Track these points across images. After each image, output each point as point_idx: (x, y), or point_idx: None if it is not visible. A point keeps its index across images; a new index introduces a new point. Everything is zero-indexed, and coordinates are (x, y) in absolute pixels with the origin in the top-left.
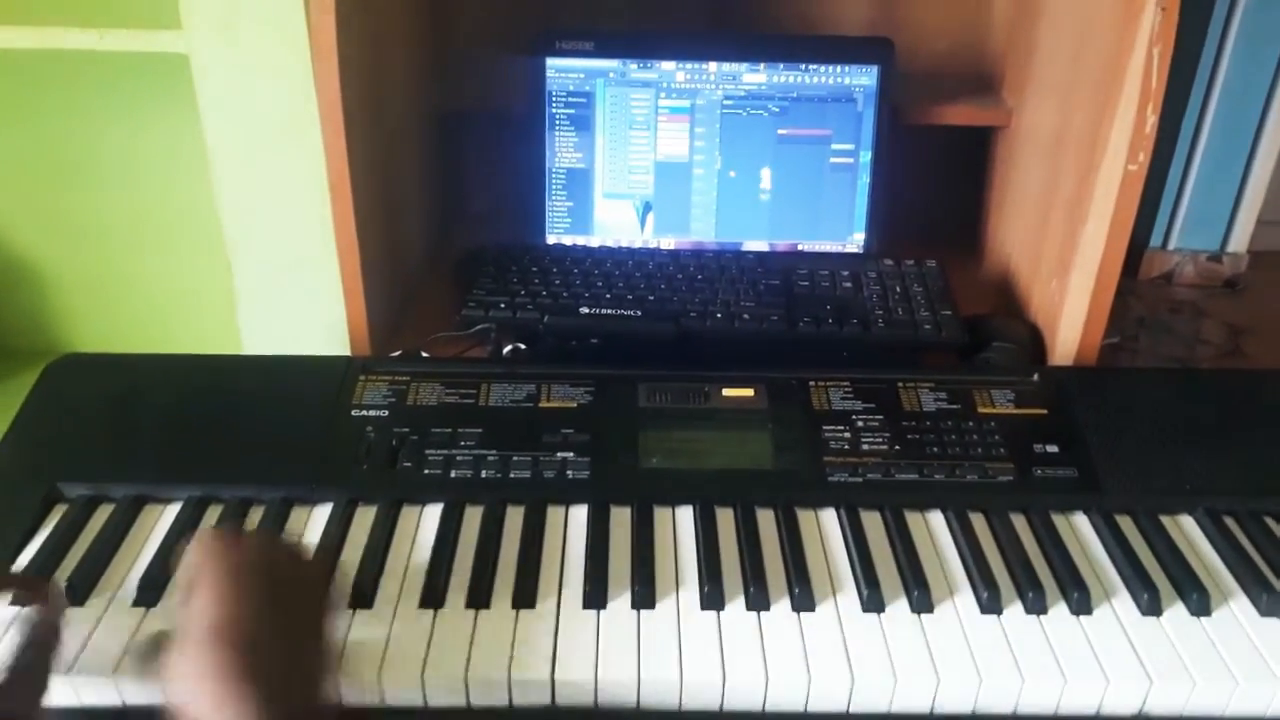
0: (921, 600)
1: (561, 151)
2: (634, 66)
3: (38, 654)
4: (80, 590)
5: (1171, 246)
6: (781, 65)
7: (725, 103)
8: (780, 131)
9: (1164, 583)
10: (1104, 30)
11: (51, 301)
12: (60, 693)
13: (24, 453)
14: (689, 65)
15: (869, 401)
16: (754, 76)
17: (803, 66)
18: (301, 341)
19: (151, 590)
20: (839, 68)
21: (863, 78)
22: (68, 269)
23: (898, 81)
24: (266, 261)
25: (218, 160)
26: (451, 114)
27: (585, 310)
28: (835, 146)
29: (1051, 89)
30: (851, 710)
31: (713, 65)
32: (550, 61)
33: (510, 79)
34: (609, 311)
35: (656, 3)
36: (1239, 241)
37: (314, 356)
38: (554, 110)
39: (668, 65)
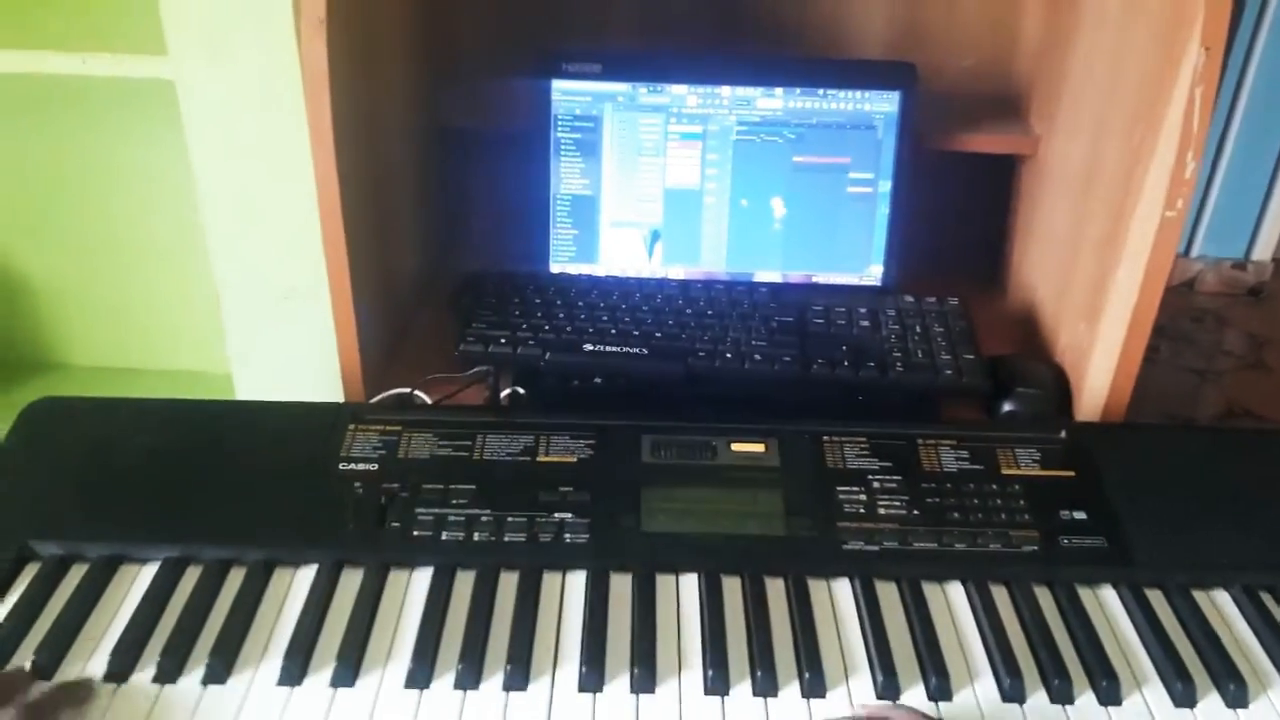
0: (940, 688)
1: (567, 177)
2: (644, 90)
3: None
4: (50, 660)
5: (1194, 254)
6: (798, 90)
7: (739, 128)
8: (796, 159)
9: (1198, 668)
10: (1142, 63)
11: (43, 317)
12: None
13: None
14: (701, 89)
15: (886, 460)
16: (769, 102)
17: (820, 92)
18: (294, 370)
19: (123, 662)
20: (859, 93)
21: (884, 104)
22: (59, 285)
23: (920, 108)
24: (256, 292)
25: (204, 187)
26: (452, 134)
27: (589, 347)
28: (853, 175)
29: (1083, 119)
30: None
31: (726, 89)
32: (556, 84)
33: (513, 101)
34: (614, 349)
35: (668, 23)
36: (1264, 249)
37: (302, 403)
38: (559, 134)
39: (679, 89)
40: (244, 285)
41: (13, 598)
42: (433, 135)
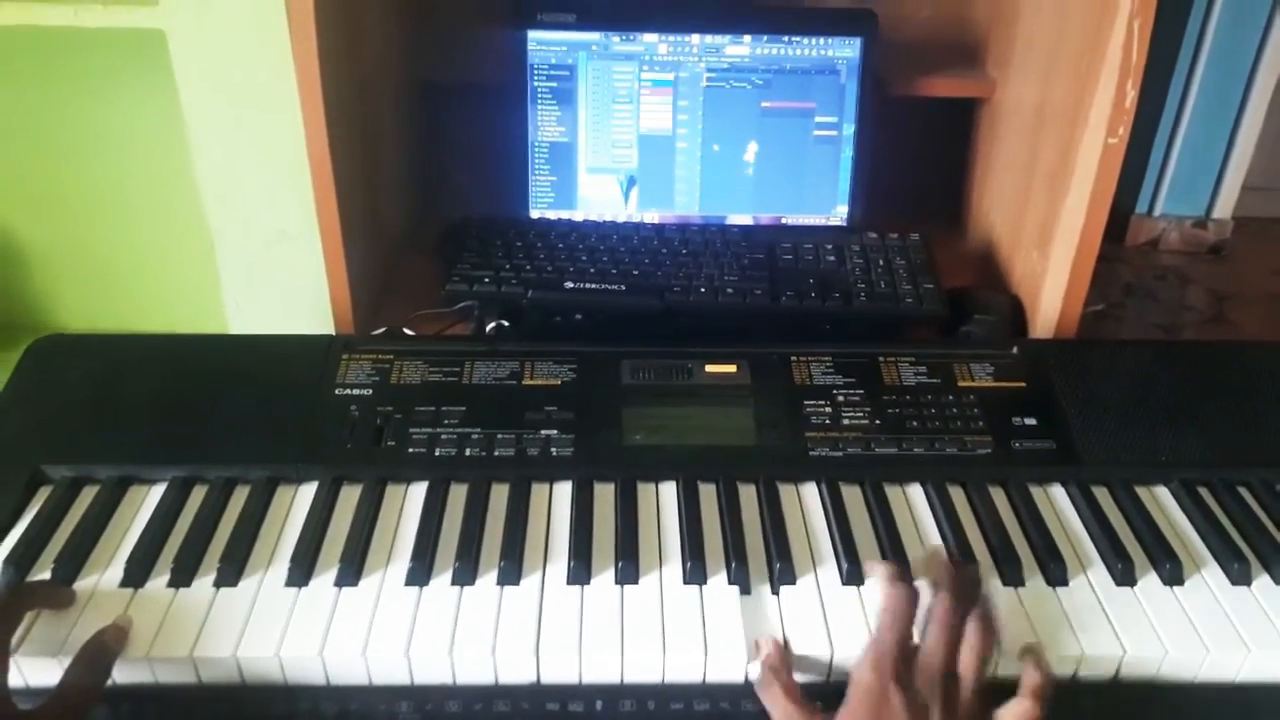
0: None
1: (544, 125)
2: (616, 39)
3: (89, 669)
4: (68, 572)
5: (1157, 213)
6: (765, 37)
7: (709, 75)
8: (764, 104)
9: (1139, 553)
10: (1085, 2)
11: (34, 278)
12: (49, 674)
13: (7, 434)
14: (672, 37)
15: (850, 376)
16: (737, 49)
17: (786, 38)
18: (286, 315)
19: (139, 570)
20: (822, 39)
21: (846, 50)
22: (49, 245)
23: (881, 53)
24: (248, 237)
25: (196, 136)
26: (432, 86)
27: (570, 285)
28: (819, 119)
29: (1034, 61)
30: (833, 680)
31: (696, 37)
32: (532, 34)
33: (491, 51)
34: (594, 286)
35: None
36: (1224, 207)
37: (296, 335)
38: (536, 84)
39: (650, 37)
40: (236, 230)
41: (28, 517)
42: (414, 89)
